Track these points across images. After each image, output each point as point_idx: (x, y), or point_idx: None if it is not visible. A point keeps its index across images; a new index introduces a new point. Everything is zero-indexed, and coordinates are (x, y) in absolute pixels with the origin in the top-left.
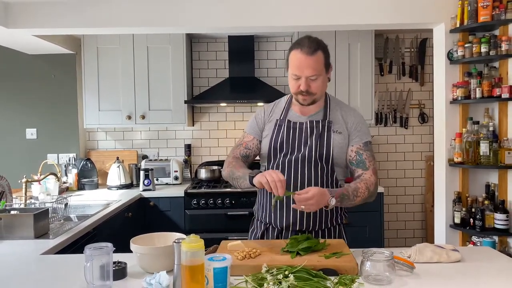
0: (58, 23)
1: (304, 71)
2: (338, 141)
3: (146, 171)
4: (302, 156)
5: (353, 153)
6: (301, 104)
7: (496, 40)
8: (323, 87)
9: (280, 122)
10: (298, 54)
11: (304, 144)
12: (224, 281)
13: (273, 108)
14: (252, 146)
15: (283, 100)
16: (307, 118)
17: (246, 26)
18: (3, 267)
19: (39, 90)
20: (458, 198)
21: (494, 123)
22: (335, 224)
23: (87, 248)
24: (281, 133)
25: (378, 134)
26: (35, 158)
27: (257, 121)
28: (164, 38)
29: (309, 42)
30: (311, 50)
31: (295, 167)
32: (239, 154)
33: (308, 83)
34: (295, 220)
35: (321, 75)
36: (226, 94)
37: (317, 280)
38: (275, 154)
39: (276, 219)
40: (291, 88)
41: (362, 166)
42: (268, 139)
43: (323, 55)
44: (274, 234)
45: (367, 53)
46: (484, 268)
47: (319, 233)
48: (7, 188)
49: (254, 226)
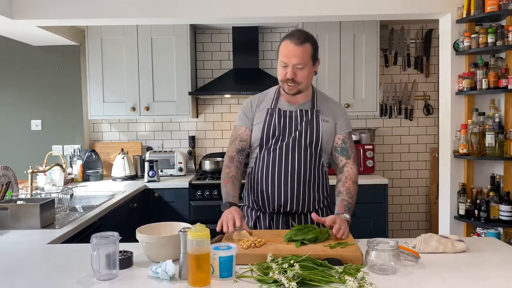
0: (63, 14)
1: (291, 59)
2: (326, 129)
3: (150, 162)
4: (293, 141)
5: (340, 141)
6: (287, 93)
7: (503, 30)
8: (308, 78)
9: (272, 110)
10: (288, 44)
11: (295, 130)
12: (229, 270)
13: (260, 99)
14: (245, 137)
15: (272, 91)
16: (297, 107)
17: (250, 17)
18: (10, 256)
19: (43, 81)
20: (463, 189)
21: (500, 114)
22: (322, 207)
23: (93, 237)
24: (273, 121)
25: (383, 125)
26: (40, 150)
27: (245, 112)
28: (168, 29)
29: (299, 34)
30: (300, 41)
31: (286, 152)
32: (235, 150)
33: (295, 71)
34: (285, 201)
35: (308, 65)
36: (230, 85)
37: (322, 270)
38: (267, 140)
39: (268, 203)
40: (279, 76)
41: (345, 154)
42: (260, 126)
43: (311, 47)
44: (266, 221)
45: (372, 44)
46: (489, 258)
47: (307, 215)
48: (13, 179)
49: (244, 214)
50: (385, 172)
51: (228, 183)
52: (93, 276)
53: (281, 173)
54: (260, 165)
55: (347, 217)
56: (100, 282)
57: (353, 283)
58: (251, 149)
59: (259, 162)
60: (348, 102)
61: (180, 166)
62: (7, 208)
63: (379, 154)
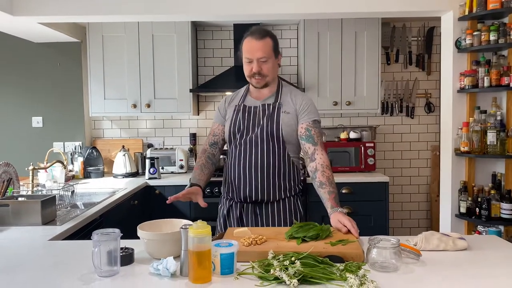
0: (64, 10)
1: (255, 54)
2: (286, 120)
3: (151, 159)
4: (255, 136)
5: (303, 130)
6: (255, 87)
7: (505, 28)
8: (273, 70)
9: (238, 107)
10: (250, 40)
11: (258, 125)
12: (230, 266)
13: (232, 97)
14: (218, 132)
15: (242, 89)
16: (261, 101)
17: (251, 14)
18: (11, 252)
19: (44, 78)
20: (464, 187)
21: (502, 112)
22: (294, 194)
23: (94, 233)
24: (238, 117)
25: (384, 123)
26: (41, 146)
27: (219, 109)
28: (169, 26)
29: (259, 30)
30: (260, 36)
31: (249, 146)
32: (208, 143)
33: (260, 65)
34: (251, 191)
35: (271, 58)
36: (231, 83)
37: (324, 267)
38: (234, 135)
39: (239, 193)
40: (245, 72)
41: (311, 141)
42: (228, 122)
43: (271, 41)
44: (237, 209)
45: (373, 41)
46: (491, 256)
47: (274, 204)
48: (14, 176)
49: (221, 203)
50: (386, 170)
51: (196, 169)
52: (94, 273)
53: (246, 165)
54: (231, 159)
55: (343, 211)
56: (101, 278)
57: (354, 281)
58: (227, 144)
59: (230, 156)
60: (350, 99)
61: (181, 164)
62: (8, 204)
63: (380, 152)
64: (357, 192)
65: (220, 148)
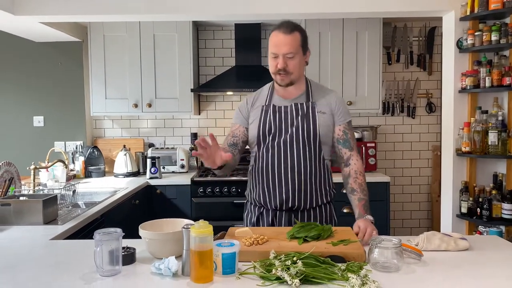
0: (65, 10)
1: (281, 49)
2: (322, 121)
3: (153, 159)
4: (290, 137)
5: (341, 132)
6: (280, 84)
7: (506, 28)
8: (300, 68)
9: (266, 107)
10: (277, 34)
11: (291, 126)
12: (232, 266)
13: (255, 97)
14: (238, 133)
15: (266, 88)
16: (291, 101)
17: (253, 14)
18: (13, 252)
19: (46, 78)
20: (465, 187)
21: (503, 113)
22: (325, 202)
23: (96, 233)
24: (268, 118)
25: (385, 123)
26: (43, 146)
27: (241, 110)
28: (170, 26)
29: (287, 24)
30: (288, 30)
31: (284, 148)
32: (227, 143)
33: (285, 61)
34: (287, 198)
35: (298, 54)
36: (233, 82)
37: (325, 267)
38: (264, 137)
39: (270, 200)
40: (270, 68)
41: (348, 146)
42: (256, 124)
43: (300, 36)
44: (269, 217)
45: (375, 41)
46: (492, 256)
47: (310, 211)
48: (15, 175)
49: (248, 210)
50: (387, 170)
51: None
52: (96, 272)
53: (281, 170)
54: (260, 163)
55: (370, 218)
56: (103, 278)
57: (356, 281)
58: (251, 148)
59: (259, 160)
60: (351, 99)
61: (182, 163)
62: (9, 204)
63: (381, 152)
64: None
65: (239, 150)
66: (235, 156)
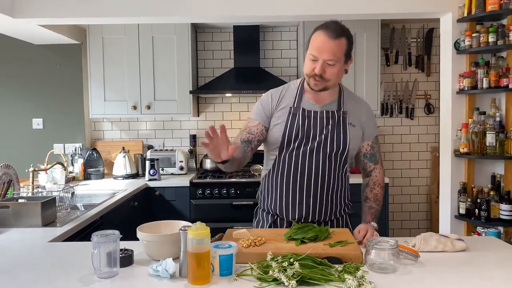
0: (64, 12)
1: (323, 54)
2: (352, 134)
3: (151, 161)
4: (318, 145)
5: (368, 147)
6: (311, 88)
7: (504, 29)
8: (338, 76)
9: (295, 110)
10: (321, 35)
11: (320, 134)
12: (229, 268)
13: (282, 94)
14: (256, 131)
15: (293, 86)
16: (322, 107)
17: (251, 16)
18: (11, 254)
19: (45, 80)
20: (463, 188)
21: (501, 114)
22: (343, 214)
23: (94, 235)
24: (296, 122)
25: (384, 124)
26: (42, 148)
27: (263, 107)
28: (169, 28)
29: (335, 26)
30: (335, 34)
31: (309, 158)
32: (240, 139)
33: (324, 67)
34: (307, 213)
35: (339, 62)
36: (231, 84)
37: (322, 268)
38: (289, 143)
39: (287, 211)
40: (306, 69)
41: (374, 160)
42: (282, 127)
43: (346, 43)
44: (284, 227)
45: (373, 43)
46: (489, 257)
47: (328, 224)
48: (14, 177)
49: (259, 217)
50: (386, 171)
51: None
52: (94, 274)
53: (304, 181)
54: (280, 169)
55: (374, 225)
56: (101, 280)
57: (353, 282)
58: (268, 150)
59: (278, 165)
60: None
61: (181, 165)
62: (8, 206)
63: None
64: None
65: (252, 148)
66: (247, 153)
